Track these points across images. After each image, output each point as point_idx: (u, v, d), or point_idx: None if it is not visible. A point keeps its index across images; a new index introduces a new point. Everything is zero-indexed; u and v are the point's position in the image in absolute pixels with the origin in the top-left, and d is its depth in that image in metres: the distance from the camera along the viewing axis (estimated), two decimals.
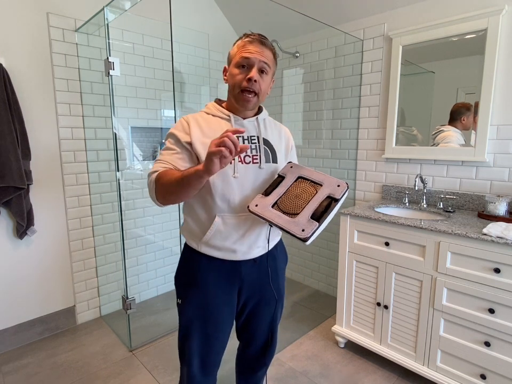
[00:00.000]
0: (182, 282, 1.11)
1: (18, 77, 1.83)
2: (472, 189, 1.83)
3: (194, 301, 1.08)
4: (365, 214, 1.72)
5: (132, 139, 2.33)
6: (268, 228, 1.10)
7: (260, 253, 1.11)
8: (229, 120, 1.05)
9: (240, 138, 1.04)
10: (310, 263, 2.74)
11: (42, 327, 2.06)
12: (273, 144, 1.11)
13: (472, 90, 1.76)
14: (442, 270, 1.49)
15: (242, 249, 1.06)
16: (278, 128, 1.18)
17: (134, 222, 2.39)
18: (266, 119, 1.14)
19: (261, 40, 0.99)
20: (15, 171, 1.74)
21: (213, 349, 1.11)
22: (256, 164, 1.05)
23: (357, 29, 2.20)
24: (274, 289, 1.18)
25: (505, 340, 1.36)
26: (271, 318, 1.22)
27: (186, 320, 1.10)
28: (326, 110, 2.46)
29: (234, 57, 1.00)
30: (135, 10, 2.21)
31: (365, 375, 1.73)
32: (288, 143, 1.20)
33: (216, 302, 1.08)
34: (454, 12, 1.78)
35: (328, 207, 0.93)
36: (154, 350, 1.93)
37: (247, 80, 0.97)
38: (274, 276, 1.18)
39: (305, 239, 0.87)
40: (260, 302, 1.17)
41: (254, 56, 0.97)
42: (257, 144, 1.06)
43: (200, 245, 1.06)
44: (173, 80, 2.05)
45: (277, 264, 1.19)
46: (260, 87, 1.00)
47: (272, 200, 0.99)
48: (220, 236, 1.03)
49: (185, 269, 1.11)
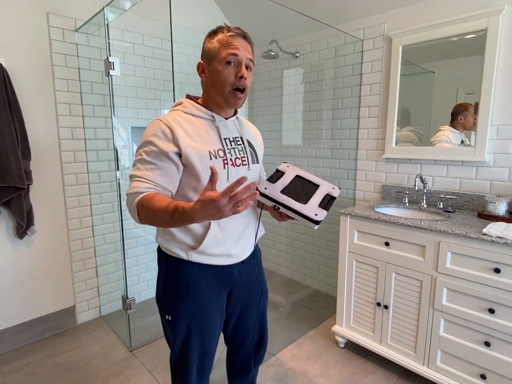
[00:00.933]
0: (169, 297, 1.03)
1: (18, 77, 1.83)
2: (472, 189, 1.83)
3: (188, 314, 1.02)
4: (365, 214, 1.72)
5: (131, 139, 2.33)
6: (256, 226, 1.12)
7: (249, 253, 1.11)
8: (213, 121, 1.00)
9: (227, 140, 1.01)
10: (310, 263, 2.74)
11: (42, 327, 2.06)
12: (253, 143, 1.11)
13: (472, 90, 1.76)
14: (442, 270, 1.49)
15: (237, 253, 1.05)
16: (250, 127, 1.17)
17: (134, 222, 2.39)
18: (241, 119, 1.11)
19: (244, 34, 0.95)
20: (15, 171, 1.74)
21: (209, 354, 1.10)
22: (245, 165, 1.04)
23: (357, 29, 2.20)
24: (262, 284, 1.19)
25: (505, 340, 1.36)
26: (261, 314, 1.22)
27: (183, 335, 1.04)
28: (326, 110, 2.46)
29: (218, 53, 0.93)
30: (135, 10, 2.21)
31: (365, 375, 1.73)
32: (261, 141, 1.19)
33: (209, 309, 1.04)
34: (454, 12, 1.78)
35: (328, 202, 1.03)
36: (154, 350, 1.93)
37: (239, 78, 0.93)
38: (259, 271, 1.19)
39: (317, 222, 0.96)
40: (249, 300, 1.16)
41: (242, 53, 0.93)
42: (242, 145, 1.04)
43: (190, 254, 0.99)
44: (173, 80, 2.04)
45: (259, 259, 1.20)
46: (247, 84, 0.96)
47: (280, 187, 1.02)
48: (216, 242, 1.00)
49: (172, 282, 1.02)
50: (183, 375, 1.08)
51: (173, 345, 1.06)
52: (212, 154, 0.95)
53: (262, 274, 1.21)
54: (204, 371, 1.11)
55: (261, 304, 1.21)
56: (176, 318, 1.03)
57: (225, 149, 0.99)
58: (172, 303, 1.03)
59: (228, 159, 0.98)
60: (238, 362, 1.27)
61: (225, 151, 0.98)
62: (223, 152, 0.98)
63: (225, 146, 0.99)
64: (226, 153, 0.98)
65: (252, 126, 1.18)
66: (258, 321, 1.22)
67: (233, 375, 1.32)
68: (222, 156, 0.98)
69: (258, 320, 1.22)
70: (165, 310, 1.05)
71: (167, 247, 1.01)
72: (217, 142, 0.98)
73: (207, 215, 0.75)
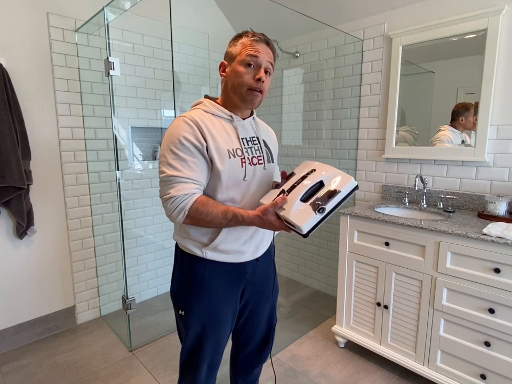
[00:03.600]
0: (183, 293, 1.06)
1: (18, 77, 1.83)
2: (472, 189, 1.83)
3: (201, 311, 1.04)
4: (365, 214, 1.72)
5: (131, 139, 2.33)
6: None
7: (263, 251, 1.12)
8: (231, 121, 1.03)
9: (244, 139, 1.03)
10: (310, 263, 2.74)
11: (42, 327, 2.06)
12: (268, 143, 1.12)
13: (472, 90, 1.76)
14: (442, 270, 1.49)
15: (250, 250, 1.06)
16: (266, 127, 1.19)
17: (134, 222, 2.40)
18: (257, 119, 1.14)
19: (267, 41, 0.99)
20: (15, 171, 1.74)
21: (220, 352, 1.11)
22: (261, 164, 1.05)
23: (357, 29, 2.20)
24: (274, 283, 1.20)
25: (505, 340, 1.36)
26: (270, 312, 1.23)
27: (196, 332, 1.05)
28: (326, 110, 2.46)
29: (240, 55, 0.97)
30: (135, 10, 2.21)
31: (365, 375, 1.73)
32: (275, 140, 1.22)
33: (223, 307, 1.06)
34: (454, 12, 1.78)
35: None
36: (154, 350, 1.93)
37: (256, 80, 0.96)
38: (272, 271, 1.19)
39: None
40: (261, 299, 1.17)
41: (262, 56, 0.96)
42: (258, 145, 1.07)
43: (205, 251, 1.02)
44: (173, 80, 2.05)
45: (273, 258, 1.21)
46: (264, 87, 0.99)
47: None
48: (230, 238, 1.02)
49: (187, 278, 1.05)
50: (193, 371, 1.09)
51: (185, 341, 1.08)
52: (231, 153, 0.98)
53: (275, 274, 1.22)
54: (213, 368, 1.12)
55: (272, 300, 1.22)
56: (188, 313, 1.05)
57: (243, 148, 1.01)
58: (185, 298, 1.05)
59: (246, 158, 1.00)
60: (243, 357, 1.28)
61: (243, 150, 1.01)
62: (241, 151, 1.00)
63: (242, 145, 1.01)
64: (244, 152, 1.00)
65: (266, 126, 1.20)
66: (267, 318, 1.23)
67: (237, 372, 1.32)
68: (240, 154, 1.00)
69: (268, 317, 1.23)
70: (178, 305, 1.07)
71: (183, 244, 1.05)
72: (236, 141, 1.01)
73: (263, 227, 0.94)
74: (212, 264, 1.03)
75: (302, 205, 0.89)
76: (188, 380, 1.11)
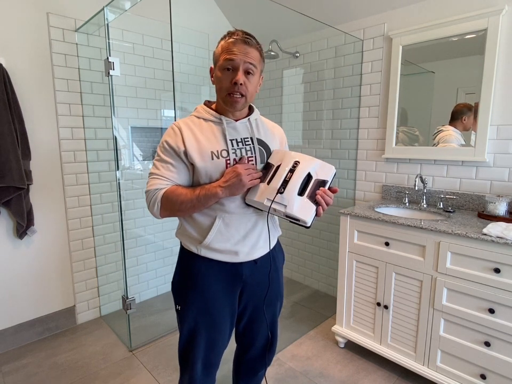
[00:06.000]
0: (180, 287, 1.09)
1: (18, 77, 1.83)
2: (472, 189, 1.83)
3: (195, 306, 1.06)
4: (365, 214, 1.72)
5: (131, 139, 2.33)
6: (267, 227, 1.10)
7: (261, 253, 1.10)
8: (221, 124, 1.03)
9: (234, 141, 1.02)
10: (310, 263, 2.74)
11: (42, 327, 2.06)
12: (267, 143, 1.11)
13: (472, 90, 1.76)
14: (442, 270, 1.49)
15: (244, 251, 1.06)
16: (270, 126, 1.17)
17: (134, 222, 2.40)
18: (258, 119, 1.12)
19: (244, 39, 0.94)
20: (15, 171, 1.74)
21: (215, 351, 1.11)
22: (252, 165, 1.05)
23: (357, 29, 2.20)
24: (276, 289, 1.18)
25: (505, 340, 1.36)
26: (272, 318, 1.22)
27: (189, 327, 1.08)
28: (326, 110, 2.46)
29: (219, 59, 0.97)
30: (135, 10, 2.21)
31: (365, 375, 1.73)
32: (282, 141, 1.19)
33: (218, 306, 1.06)
34: (454, 12, 1.78)
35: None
36: (154, 350, 1.93)
37: (233, 84, 0.95)
38: (275, 276, 1.18)
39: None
40: (262, 303, 1.16)
41: (238, 57, 0.93)
42: (251, 145, 1.05)
43: (199, 249, 1.04)
44: (173, 80, 2.05)
45: (277, 263, 1.19)
46: (246, 89, 0.97)
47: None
48: (221, 238, 1.03)
49: (184, 274, 1.08)
50: (189, 368, 1.11)
51: (180, 336, 1.11)
52: (214, 154, 0.99)
53: (278, 279, 1.20)
54: (210, 367, 1.13)
55: (273, 308, 1.21)
56: (184, 308, 1.08)
57: (229, 150, 1.00)
58: (182, 293, 1.09)
59: (231, 159, 1.00)
60: (245, 362, 1.28)
61: (229, 152, 1.00)
62: (226, 153, 1.00)
63: (229, 147, 1.01)
64: (230, 154, 1.00)
65: (272, 124, 1.18)
66: (269, 326, 1.22)
67: (239, 375, 1.33)
68: (225, 156, 1.00)
69: (270, 324, 1.22)
70: (176, 300, 1.11)
71: (183, 240, 1.09)
72: (222, 143, 1.01)
73: (230, 185, 0.94)
74: (207, 262, 1.06)
75: (300, 199, 0.97)
76: (186, 378, 1.14)
